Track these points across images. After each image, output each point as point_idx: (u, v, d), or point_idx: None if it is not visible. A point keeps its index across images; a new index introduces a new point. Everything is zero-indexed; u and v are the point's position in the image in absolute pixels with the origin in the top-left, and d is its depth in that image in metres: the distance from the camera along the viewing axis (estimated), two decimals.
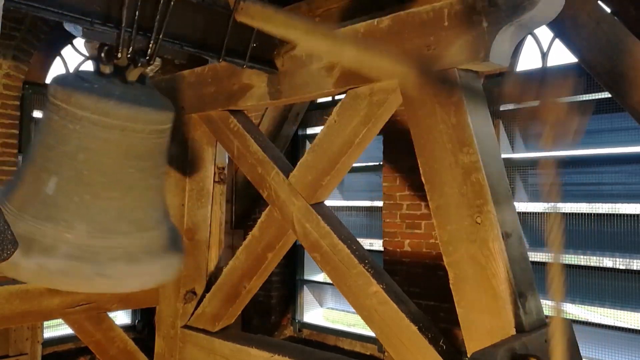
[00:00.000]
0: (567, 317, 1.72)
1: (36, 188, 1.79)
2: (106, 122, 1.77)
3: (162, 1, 1.83)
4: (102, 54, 1.81)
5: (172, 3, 1.84)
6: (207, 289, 2.72)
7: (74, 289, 2.16)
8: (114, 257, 1.81)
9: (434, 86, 1.78)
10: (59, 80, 1.87)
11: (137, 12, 1.78)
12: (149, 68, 1.89)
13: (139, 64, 1.85)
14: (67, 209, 1.77)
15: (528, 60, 5.33)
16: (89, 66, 5.76)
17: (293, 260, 6.69)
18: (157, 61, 1.91)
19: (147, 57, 1.86)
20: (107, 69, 1.84)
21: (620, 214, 4.36)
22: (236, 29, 2.08)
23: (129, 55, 1.83)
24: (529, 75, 4.87)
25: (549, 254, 1.12)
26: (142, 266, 1.89)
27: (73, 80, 1.84)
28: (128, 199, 1.87)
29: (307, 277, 6.72)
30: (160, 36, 1.86)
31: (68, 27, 1.79)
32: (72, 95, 1.77)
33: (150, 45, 1.85)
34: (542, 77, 4.54)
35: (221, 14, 2.03)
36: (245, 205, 6.20)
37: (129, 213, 1.88)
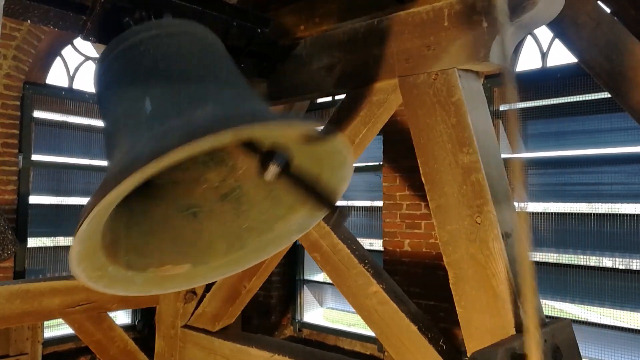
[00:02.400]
0: (567, 317, 1.72)
1: (135, 110, 1.47)
2: None
3: None
4: None
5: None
6: (207, 288, 2.73)
7: None
8: None
9: (434, 86, 1.78)
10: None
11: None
12: None
13: None
14: (167, 112, 1.43)
15: (528, 60, 5.33)
16: (89, 66, 5.74)
17: (293, 260, 6.69)
18: None
19: None
20: None
21: (620, 214, 4.37)
22: (236, 29, 2.08)
23: None
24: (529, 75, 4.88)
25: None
26: None
27: None
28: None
29: (307, 277, 6.72)
30: None
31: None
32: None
33: None
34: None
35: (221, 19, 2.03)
36: None
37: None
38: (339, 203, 1.55)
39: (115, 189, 1.05)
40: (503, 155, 1.92)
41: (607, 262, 4.51)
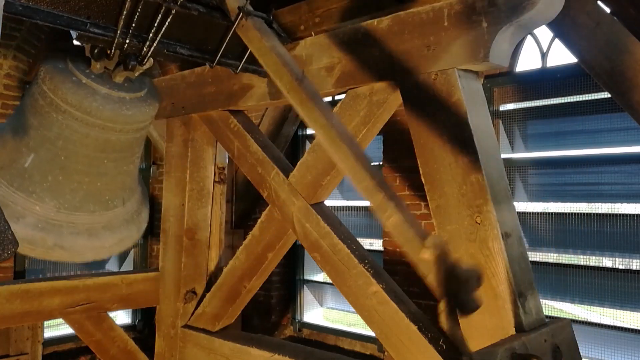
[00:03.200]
0: (567, 317, 1.72)
1: (15, 158, 1.89)
2: (88, 120, 1.86)
3: (161, 12, 1.82)
4: (94, 52, 1.83)
5: (172, 13, 1.84)
6: (207, 288, 2.73)
7: (34, 256, 2.30)
8: (75, 231, 1.95)
9: (434, 86, 1.78)
10: (49, 64, 1.91)
11: (135, 18, 1.79)
12: (141, 68, 1.90)
13: (129, 67, 1.86)
14: (40, 184, 1.88)
15: (528, 60, 5.33)
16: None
17: (293, 260, 6.69)
18: (149, 64, 1.91)
19: (139, 59, 1.86)
20: (97, 66, 1.87)
21: (620, 214, 4.37)
22: (235, 33, 2.08)
23: (120, 56, 1.84)
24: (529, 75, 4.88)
25: None
26: (100, 240, 2.03)
27: (63, 70, 1.88)
28: (98, 184, 1.99)
29: (307, 277, 6.72)
30: (156, 42, 1.86)
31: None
32: (59, 88, 1.84)
33: (144, 48, 1.85)
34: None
35: (220, 23, 2.03)
36: (245, 205, 6.20)
37: (97, 195, 2.01)
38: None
39: None
40: (503, 156, 1.92)
41: (607, 262, 4.51)
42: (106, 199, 2.04)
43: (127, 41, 1.81)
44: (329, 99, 6.19)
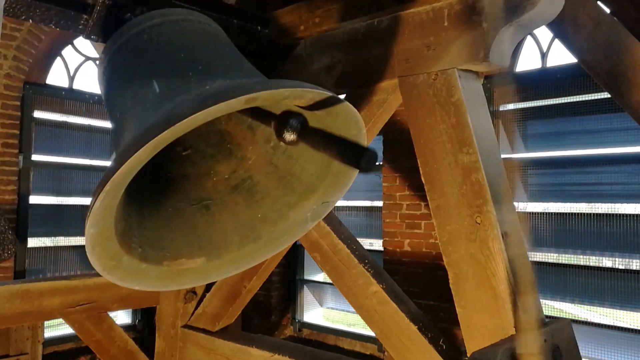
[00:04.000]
0: (567, 317, 1.73)
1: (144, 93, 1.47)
2: None
3: None
4: None
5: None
6: (208, 288, 2.73)
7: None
8: None
9: (434, 86, 1.78)
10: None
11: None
12: None
13: None
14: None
15: (528, 60, 5.34)
16: (90, 67, 5.75)
17: (293, 260, 6.69)
18: None
19: None
20: None
21: (620, 214, 4.37)
22: (236, 29, 2.08)
23: None
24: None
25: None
26: None
27: None
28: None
29: (307, 277, 6.72)
30: None
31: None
32: None
33: None
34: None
35: (221, 19, 2.04)
36: None
37: None
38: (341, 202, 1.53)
39: (131, 158, 1.01)
40: (503, 156, 1.92)
41: (606, 262, 4.51)
42: None
43: None
44: None
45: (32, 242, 5.62)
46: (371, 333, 2.47)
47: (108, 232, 1.20)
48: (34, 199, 5.52)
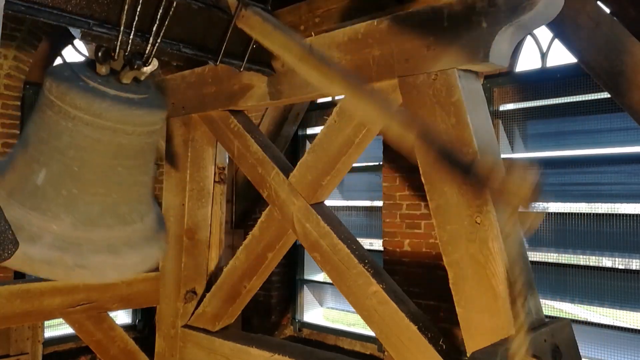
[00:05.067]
0: (567, 317, 1.73)
1: (26, 177, 1.84)
2: (98, 123, 1.81)
3: (162, 6, 1.83)
4: (99, 54, 1.82)
5: (172, 8, 1.85)
6: (208, 288, 2.73)
7: (54, 277, 2.24)
8: (95, 249, 1.86)
9: (434, 86, 1.79)
10: (55, 74, 1.88)
11: (136, 16, 1.79)
12: (146, 69, 1.89)
13: (135, 67, 1.85)
14: (54, 200, 1.82)
15: (528, 60, 5.33)
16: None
17: (293, 260, 6.69)
18: (154, 63, 1.91)
19: (144, 59, 1.86)
20: (103, 70, 1.85)
21: (620, 214, 4.37)
22: (236, 30, 2.08)
23: (125, 57, 1.83)
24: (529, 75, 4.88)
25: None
26: (122, 258, 1.95)
27: (69, 77, 1.86)
28: (114, 195, 1.93)
29: (307, 277, 6.72)
30: (159, 39, 1.86)
31: (73, 30, 1.80)
32: (67, 93, 1.80)
33: (148, 47, 1.85)
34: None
35: (221, 17, 2.04)
36: (246, 205, 6.20)
37: (114, 208, 1.93)
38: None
39: None
40: (502, 155, 1.93)
41: (606, 262, 4.51)
42: (123, 213, 1.97)
43: (131, 39, 1.81)
44: (329, 99, 6.19)
45: None
46: (371, 333, 2.47)
47: None
48: None
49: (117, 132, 1.85)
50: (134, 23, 1.79)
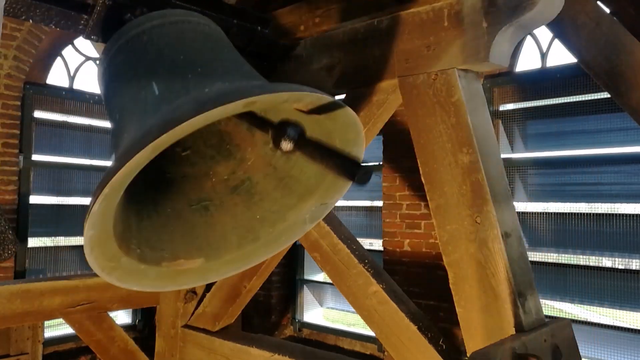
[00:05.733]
0: (567, 317, 1.73)
1: (141, 98, 1.44)
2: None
3: None
4: None
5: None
6: (208, 288, 2.73)
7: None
8: None
9: (434, 86, 1.79)
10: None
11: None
12: None
13: None
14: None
15: (528, 60, 5.34)
16: (90, 67, 5.76)
17: (293, 260, 6.69)
18: None
19: None
20: None
21: (620, 214, 4.37)
22: (236, 29, 2.09)
23: None
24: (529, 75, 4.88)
25: None
26: None
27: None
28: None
29: (307, 277, 6.72)
30: None
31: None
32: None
33: None
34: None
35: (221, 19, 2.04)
36: None
37: None
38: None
39: (129, 162, 1.02)
40: (503, 156, 1.92)
41: (606, 262, 4.51)
42: None
43: None
44: None
45: (33, 242, 5.62)
46: (371, 333, 2.47)
47: (107, 234, 1.20)
48: (34, 199, 5.52)
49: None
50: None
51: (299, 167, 1.51)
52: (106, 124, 5.87)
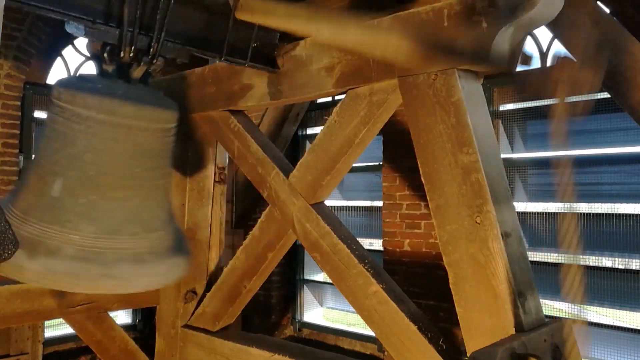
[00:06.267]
0: (566, 317, 1.73)
1: (42, 191, 1.78)
2: (112, 120, 1.76)
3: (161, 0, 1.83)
4: (105, 53, 1.81)
5: (172, 1, 1.85)
6: (208, 288, 2.73)
7: (80, 290, 2.17)
8: (120, 257, 1.80)
9: (434, 86, 1.79)
10: (62, 83, 1.86)
11: (137, 11, 1.79)
12: (152, 68, 1.90)
13: (142, 63, 1.85)
14: (73, 210, 1.76)
15: None
16: (90, 67, 5.76)
17: (293, 260, 6.69)
18: (160, 61, 1.91)
19: (150, 56, 1.86)
20: (110, 68, 1.85)
21: (620, 214, 4.37)
22: (237, 28, 2.09)
23: (131, 54, 1.84)
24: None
25: (566, 256, 1.11)
26: (149, 267, 1.88)
27: (76, 82, 1.85)
28: (135, 200, 1.86)
29: (307, 276, 6.72)
30: (162, 35, 1.86)
31: (69, 28, 1.79)
32: (76, 95, 1.76)
33: (153, 44, 1.86)
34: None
35: (221, 13, 2.05)
36: (246, 205, 6.21)
37: (135, 214, 1.87)
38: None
39: None
40: (503, 155, 1.93)
41: (606, 262, 4.51)
42: (146, 220, 1.89)
43: (136, 35, 1.80)
44: (329, 99, 6.18)
45: None
46: (371, 333, 2.47)
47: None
48: None
49: (132, 130, 1.80)
50: (137, 18, 1.79)
51: None
52: None
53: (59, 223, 1.74)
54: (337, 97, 2.31)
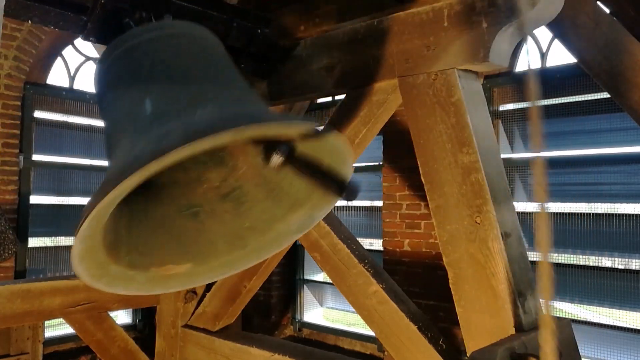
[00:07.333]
0: (566, 317, 1.73)
1: (135, 116, 1.44)
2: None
3: None
4: None
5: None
6: (208, 288, 2.73)
7: None
8: None
9: (434, 86, 1.79)
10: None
11: None
12: None
13: None
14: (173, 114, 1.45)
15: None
16: (90, 66, 5.77)
17: (293, 260, 6.70)
18: None
19: None
20: None
21: (619, 214, 4.37)
22: (236, 28, 2.09)
23: None
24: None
25: (538, 254, 1.11)
26: None
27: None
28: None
29: (307, 276, 6.73)
30: None
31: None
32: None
33: None
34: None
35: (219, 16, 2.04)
36: None
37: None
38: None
39: (115, 189, 1.06)
40: (502, 155, 1.93)
41: (606, 262, 4.52)
42: None
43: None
44: (329, 99, 6.19)
45: (33, 242, 5.62)
46: (371, 333, 2.47)
47: (96, 247, 1.23)
48: (34, 199, 5.53)
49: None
50: None
51: (289, 180, 1.52)
52: None
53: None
54: (337, 97, 2.31)
